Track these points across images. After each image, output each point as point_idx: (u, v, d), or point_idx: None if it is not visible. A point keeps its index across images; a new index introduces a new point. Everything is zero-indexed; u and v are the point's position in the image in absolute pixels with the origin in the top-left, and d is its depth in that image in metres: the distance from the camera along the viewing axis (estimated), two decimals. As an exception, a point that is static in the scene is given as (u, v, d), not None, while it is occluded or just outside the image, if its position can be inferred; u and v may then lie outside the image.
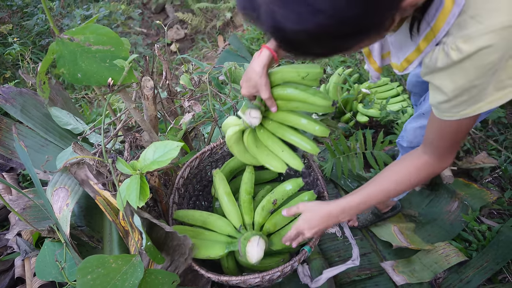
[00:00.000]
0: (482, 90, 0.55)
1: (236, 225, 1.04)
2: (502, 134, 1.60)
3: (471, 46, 0.50)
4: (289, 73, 0.90)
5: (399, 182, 0.78)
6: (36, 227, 1.03)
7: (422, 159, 0.75)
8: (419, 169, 0.76)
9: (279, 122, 1.00)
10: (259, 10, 0.45)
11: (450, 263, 1.21)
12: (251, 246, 0.90)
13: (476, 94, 0.56)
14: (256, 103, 0.94)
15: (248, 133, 0.99)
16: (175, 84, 2.59)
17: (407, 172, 0.77)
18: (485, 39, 0.49)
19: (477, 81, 0.54)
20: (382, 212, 1.38)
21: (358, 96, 1.84)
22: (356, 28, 0.44)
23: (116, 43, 0.75)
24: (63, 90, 1.50)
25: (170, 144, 0.80)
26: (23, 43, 2.76)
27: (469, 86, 0.55)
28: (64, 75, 0.74)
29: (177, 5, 3.85)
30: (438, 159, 0.73)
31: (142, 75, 1.00)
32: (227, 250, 0.95)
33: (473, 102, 0.57)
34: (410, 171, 0.77)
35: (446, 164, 0.74)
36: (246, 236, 0.93)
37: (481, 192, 1.41)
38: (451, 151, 0.72)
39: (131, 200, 0.76)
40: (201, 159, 1.20)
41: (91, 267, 0.73)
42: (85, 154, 0.92)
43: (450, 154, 0.73)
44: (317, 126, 0.95)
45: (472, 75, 0.53)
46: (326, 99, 0.89)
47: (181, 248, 0.90)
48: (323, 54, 0.51)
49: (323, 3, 0.41)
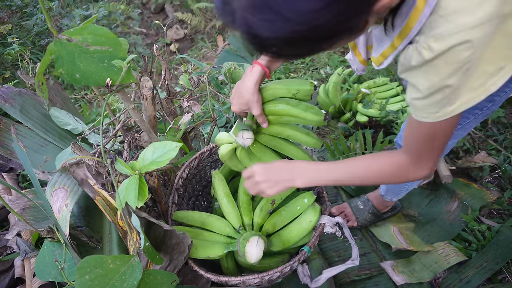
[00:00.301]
0: (455, 90, 0.56)
1: (235, 225, 1.04)
2: (502, 134, 1.60)
3: (441, 45, 0.52)
4: (280, 90, 0.91)
5: (370, 170, 0.77)
6: (36, 228, 1.03)
7: (400, 156, 0.74)
8: (393, 164, 0.75)
9: (271, 135, 1.01)
10: (234, 15, 0.46)
11: (450, 263, 1.21)
12: (250, 246, 0.90)
13: (450, 93, 0.57)
14: (248, 121, 0.96)
15: (240, 150, 1.00)
16: (175, 84, 2.59)
17: (382, 163, 0.76)
18: (455, 38, 0.50)
19: (449, 79, 0.54)
20: (381, 212, 1.38)
21: (357, 96, 1.84)
22: (328, 33, 0.45)
23: (114, 44, 0.75)
24: (62, 91, 1.50)
25: (169, 144, 0.80)
26: (22, 43, 2.76)
27: (442, 85, 0.56)
28: (62, 76, 0.74)
29: (176, 5, 3.85)
30: (414, 163, 0.72)
31: (141, 75, 1.00)
32: (226, 250, 0.95)
33: (447, 103, 0.58)
34: (385, 163, 0.76)
35: (422, 172, 0.72)
36: (245, 237, 0.93)
37: (481, 192, 1.41)
38: (428, 157, 0.70)
39: (129, 201, 0.76)
40: (200, 159, 1.20)
41: (89, 267, 0.72)
42: (84, 155, 0.92)
43: (427, 161, 0.71)
44: (309, 139, 0.97)
45: (444, 73, 0.54)
46: (318, 115, 0.91)
47: (180, 246, 0.90)
48: (299, 55, 0.53)
49: (293, 13, 0.42)
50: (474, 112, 0.89)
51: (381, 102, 1.74)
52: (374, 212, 1.37)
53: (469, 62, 0.52)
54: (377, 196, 1.35)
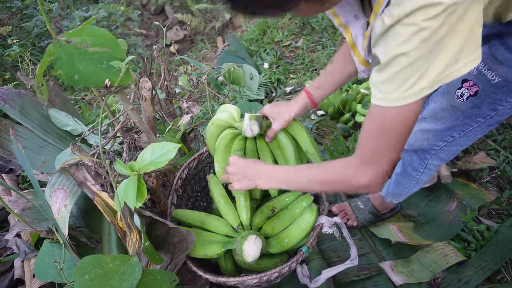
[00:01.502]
0: (411, 65, 0.55)
1: (233, 225, 1.04)
2: (501, 134, 1.60)
3: (401, 10, 0.52)
4: (302, 139, 1.01)
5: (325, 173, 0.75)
6: (35, 228, 1.03)
7: (350, 158, 0.70)
8: (340, 166, 0.72)
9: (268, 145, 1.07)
10: None
11: (448, 263, 1.21)
12: (247, 245, 0.91)
13: (406, 67, 0.55)
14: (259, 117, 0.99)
15: (239, 139, 1.03)
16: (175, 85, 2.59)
17: (335, 165, 0.74)
18: (413, 4, 0.51)
19: (405, 46, 0.54)
20: (381, 213, 1.39)
21: (357, 96, 1.84)
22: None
23: (113, 45, 0.76)
24: (62, 92, 1.50)
25: (167, 145, 0.80)
26: (22, 44, 2.76)
27: (398, 52, 0.55)
28: (61, 77, 0.75)
29: (176, 6, 3.86)
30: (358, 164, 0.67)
31: (140, 76, 1.01)
32: (224, 248, 0.96)
33: (402, 82, 0.56)
34: (337, 165, 0.73)
35: (363, 177, 0.66)
36: (243, 235, 0.93)
37: (480, 192, 1.41)
38: (373, 160, 0.64)
39: (128, 201, 0.76)
40: (199, 160, 1.20)
41: (88, 267, 0.73)
42: (83, 155, 0.93)
43: (371, 165, 0.65)
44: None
45: (400, 36, 0.54)
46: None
47: (183, 244, 0.90)
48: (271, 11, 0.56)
49: None
50: (477, 120, 0.88)
51: (380, 103, 1.74)
52: (374, 212, 1.38)
53: (426, 28, 0.51)
54: (378, 198, 1.36)
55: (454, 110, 0.89)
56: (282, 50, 2.64)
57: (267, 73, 2.46)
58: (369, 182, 0.66)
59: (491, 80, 0.78)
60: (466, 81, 0.83)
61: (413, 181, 1.16)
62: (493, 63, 0.76)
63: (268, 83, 2.39)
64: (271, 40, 2.75)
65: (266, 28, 2.87)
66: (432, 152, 1.03)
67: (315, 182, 0.78)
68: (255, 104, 1.49)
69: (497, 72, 0.76)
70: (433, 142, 1.00)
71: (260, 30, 2.87)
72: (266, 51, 2.69)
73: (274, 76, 2.40)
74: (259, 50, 2.73)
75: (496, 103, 0.82)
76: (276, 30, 2.82)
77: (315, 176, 0.77)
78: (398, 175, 1.20)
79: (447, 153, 1.01)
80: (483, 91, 0.81)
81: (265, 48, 2.71)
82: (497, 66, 0.76)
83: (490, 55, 0.76)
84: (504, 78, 0.76)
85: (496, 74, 0.77)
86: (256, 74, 1.41)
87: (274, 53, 2.63)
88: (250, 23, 3.22)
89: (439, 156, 1.03)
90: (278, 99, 2.27)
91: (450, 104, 0.89)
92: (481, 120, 0.87)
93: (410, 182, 1.17)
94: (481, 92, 0.82)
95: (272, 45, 2.70)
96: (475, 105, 0.85)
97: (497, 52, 0.75)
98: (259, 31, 2.86)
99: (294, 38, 2.74)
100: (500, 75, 0.76)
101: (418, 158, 1.08)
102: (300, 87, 2.29)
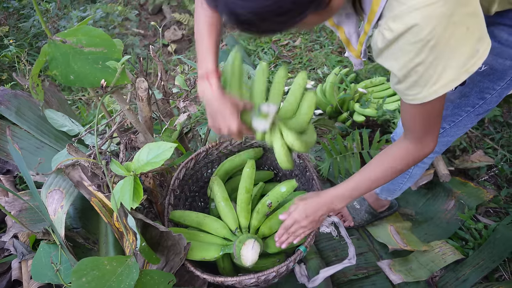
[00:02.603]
0: (428, 69, 0.57)
1: (232, 227, 1.04)
2: (498, 133, 1.60)
3: (400, 25, 0.54)
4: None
5: (384, 167, 0.83)
6: (32, 230, 1.02)
7: (404, 146, 0.78)
8: (401, 153, 0.80)
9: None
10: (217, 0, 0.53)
11: (446, 262, 1.22)
12: (245, 249, 0.91)
13: (425, 72, 0.58)
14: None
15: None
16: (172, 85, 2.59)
17: (391, 156, 0.82)
18: (411, 18, 0.52)
19: (417, 57, 0.56)
20: (378, 211, 1.38)
21: (354, 95, 1.84)
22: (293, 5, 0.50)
23: (109, 45, 0.75)
24: (58, 92, 1.50)
25: (163, 145, 0.80)
26: (19, 45, 2.75)
27: (413, 65, 0.57)
28: (56, 77, 0.74)
29: (174, 6, 3.85)
30: (418, 144, 0.76)
31: (136, 76, 1.00)
32: (222, 252, 0.95)
33: (426, 83, 0.59)
34: (394, 155, 0.81)
35: (428, 149, 0.76)
36: (241, 239, 0.93)
37: (478, 191, 1.41)
38: (428, 135, 0.74)
39: (124, 202, 0.76)
40: (196, 160, 1.20)
41: (86, 270, 0.72)
42: (80, 156, 0.92)
43: (429, 138, 0.75)
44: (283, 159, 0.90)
45: (410, 52, 0.56)
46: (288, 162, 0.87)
47: (176, 248, 0.90)
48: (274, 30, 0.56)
49: None
50: (466, 110, 0.89)
51: (378, 102, 1.74)
52: (371, 211, 1.37)
53: (432, 39, 0.53)
54: (373, 195, 1.36)
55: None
56: (280, 50, 2.64)
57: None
58: (431, 148, 0.76)
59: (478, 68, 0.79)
60: None
61: (406, 175, 1.16)
62: None
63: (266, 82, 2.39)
64: (269, 39, 2.75)
65: (264, 27, 2.87)
66: None
67: (378, 179, 0.85)
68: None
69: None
70: None
71: (258, 30, 2.86)
72: (264, 50, 2.69)
73: (272, 76, 2.40)
74: (257, 50, 2.73)
75: (484, 91, 0.83)
76: (274, 30, 2.81)
77: (379, 180, 0.85)
78: None
79: (439, 144, 1.02)
80: (471, 80, 0.82)
81: (263, 48, 2.71)
82: None
83: None
84: (490, 66, 0.78)
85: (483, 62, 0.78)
86: (254, 73, 1.40)
87: (272, 52, 2.62)
88: (248, 22, 3.22)
89: None
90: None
91: None
92: (470, 110, 0.89)
93: (403, 177, 1.17)
94: (469, 80, 0.82)
95: (270, 44, 2.70)
96: (463, 94, 0.86)
97: None
98: (257, 30, 2.86)
99: (292, 37, 2.73)
100: (486, 63, 0.77)
101: None
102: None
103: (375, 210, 1.37)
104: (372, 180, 0.85)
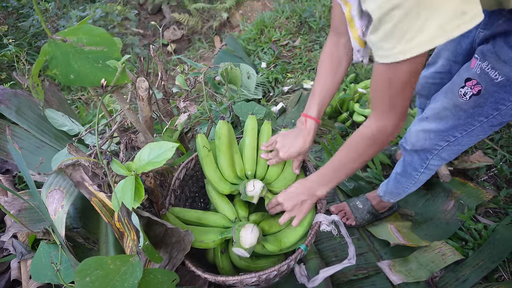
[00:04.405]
0: (407, 16, 0.53)
1: (231, 218, 1.05)
2: (498, 133, 1.61)
3: None
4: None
5: (355, 151, 0.83)
6: (32, 229, 1.02)
7: (368, 124, 0.77)
8: (368, 137, 0.78)
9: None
10: None
11: (446, 262, 1.22)
12: (245, 232, 0.91)
13: (401, 20, 0.54)
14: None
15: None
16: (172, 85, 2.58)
17: (360, 140, 0.81)
18: None
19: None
20: (379, 212, 1.39)
21: (354, 95, 1.84)
22: None
23: (109, 44, 0.75)
24: (58, 92, 1.49)
25: (165, 145, 0.80)
26: (18, 44, 2.75)
27: (390, 6, 0.53)
28: (56, 76, 0.74)
29: (173, 6, 3.85)
30: (378, 118, 0.73)
31: (137, 76, 1.00)
32: (221, 236, 0.96)
33: (401, 35, 0.55)
34: (363, 139, 0.80)
35: (387, 121, 0.72)
36: (241, 223, 0.94)
37: (477, 191, 1.42)
38: (393, 109, 0.70)
39: (126, 201, 0.76)
40: (197, 160, 1.20)
41: (89, 269, 0.72)
42: (80, 156, 0.92)
43: (392, 113, 0.71)
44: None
45: None
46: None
47: (180, 244, 0.90)
48: None
49: None
50: (479, 119, 0.88)
51: (378, 102, 1.74)
52: (373, 212, 1.38)
53: None
54: (376, 197, 1.36)
55: (456, 109, 0.90)
56: (280, 50, 2.64)
57: (265, 72, 2.45)
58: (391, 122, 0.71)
59: (494, 79, 0.79)
60: (469, 80, 0.84)
61: (413, 181, 1.16)
62: (497, 62, 0.77)
63: (266, 82, 2.39)
64: (268, 39, 2.75)
65: (263, 27, 2.87)
66: (434, 152, 1.03)
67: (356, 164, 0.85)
68: (252, 105, 1.48)
69: (501, 71, 0.77)
70: (435, 142, 1.00)
71: (257, 30, 2.86)
72: (264, 50, 2.69)
73: (272, 76, 2.40)
74: (257, 50, 2.73)
75: (499, 103, 0.82)
76: (273, 30, 2.81)
77: (355, 160, 0.84)
78: (398, 174, 1.20)
79: (449, 152, 1.01)
80: (486, 90, 0.81)
81: (263, 48, 2.71)
82: (501, 65, 0.76)
83: (494, 53, 0.77)
84: (507, 77, 0.76)
85: (500, 73, 0.77)
86: (253, 73, 1.40)
87: (272, 52, 2.62)
88: (247, 22, 3.22)
89: (440, 156, 1.03)
90: (275, 98, 2.27)
91: (453, 103, 0.89)
92: (483, 120, 0.87)
93: (409, 182, 1.17)
94: (484, 91, 0.82)
95: (269, 45, 2.70)
96: (478, 104, 0.85)
97: (501, 51, 0.75)
98: (256, 30, 2.86)
99: (291, 38, 2.74)
100: (503, 74, 0.76)
101: (419, 158, 1.08)
102: (298, 86, 2.29)
103: (377, 210, 1.38)
104: (344, 162, 0.86)
